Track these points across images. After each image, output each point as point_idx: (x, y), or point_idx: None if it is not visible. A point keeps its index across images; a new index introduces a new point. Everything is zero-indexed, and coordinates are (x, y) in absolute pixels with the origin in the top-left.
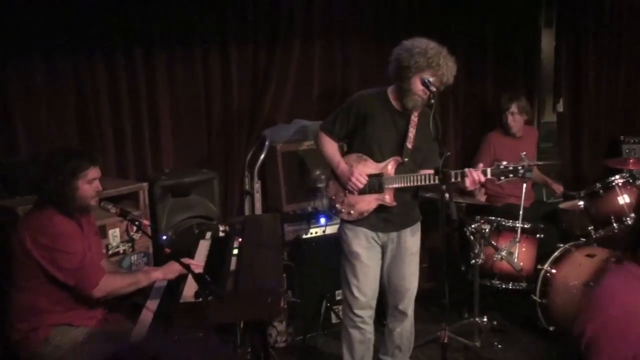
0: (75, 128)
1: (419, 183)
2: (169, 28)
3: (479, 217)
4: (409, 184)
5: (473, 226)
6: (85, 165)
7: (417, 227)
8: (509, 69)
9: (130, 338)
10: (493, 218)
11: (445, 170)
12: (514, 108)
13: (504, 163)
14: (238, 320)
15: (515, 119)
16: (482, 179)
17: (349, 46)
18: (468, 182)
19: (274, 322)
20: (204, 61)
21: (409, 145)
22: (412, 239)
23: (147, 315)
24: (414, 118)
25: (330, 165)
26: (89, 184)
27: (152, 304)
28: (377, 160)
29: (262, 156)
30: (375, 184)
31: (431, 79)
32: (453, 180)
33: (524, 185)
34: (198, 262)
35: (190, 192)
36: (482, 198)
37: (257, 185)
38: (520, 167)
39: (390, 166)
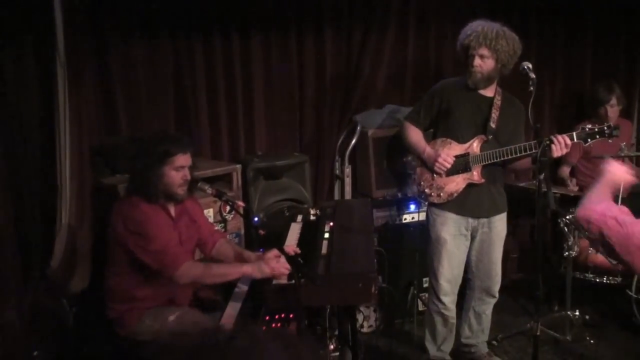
0: (173, 110)
1: (505, 157)
2: (265, 12)
3: (573, 208)
4: (495, 159)
5: (567, 217)
6: (174, 151)
7: (505, 214)
8: (609, 55)
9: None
10: None
11: (543, 159)
12: (613, 100)
13: (589, 126)
14: (329, 304)
15: (614, 110)
16: (569, 142)
17: (444, 32)
18: (555, 149)
19: (361, 307)
20: (299, 45)
21: (492, 124)
22: (501, 224)
23: (239, 295)
24: (497, 102)
25: (416, 151)
26: (176, 170)
27: (244, 285)
28: (462, 143)
29: (354, 141)
30: (461, 163)
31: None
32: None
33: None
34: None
35: (282, 175)
36: (574, 188)
37: (348, 170)
38: (605, 127)
39: (475, 145)
